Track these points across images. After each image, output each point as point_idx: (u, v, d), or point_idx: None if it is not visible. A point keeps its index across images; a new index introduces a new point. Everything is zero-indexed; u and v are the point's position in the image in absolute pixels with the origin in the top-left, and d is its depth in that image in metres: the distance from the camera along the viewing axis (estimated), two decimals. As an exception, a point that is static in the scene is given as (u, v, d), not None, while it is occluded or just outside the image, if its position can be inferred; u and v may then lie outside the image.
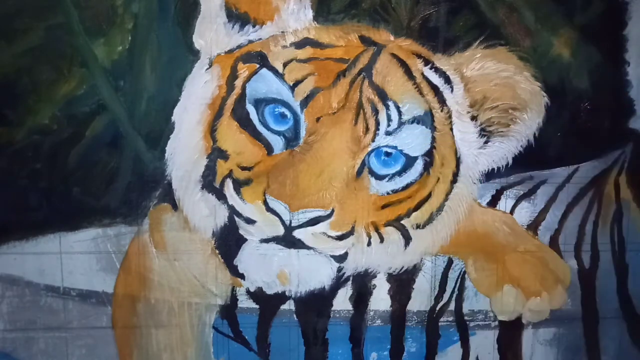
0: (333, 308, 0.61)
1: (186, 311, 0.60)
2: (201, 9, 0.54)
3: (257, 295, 0.60)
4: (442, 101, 0.57)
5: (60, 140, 0.55)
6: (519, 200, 0.61)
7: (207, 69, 0.55)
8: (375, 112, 0.56)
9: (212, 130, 0.56)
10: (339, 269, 0.59)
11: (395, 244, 0.59)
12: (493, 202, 0.61)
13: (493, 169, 0.59)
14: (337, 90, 0.56)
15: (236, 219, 0.57)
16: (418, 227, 0.59)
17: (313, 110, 0.56)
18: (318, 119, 0.56)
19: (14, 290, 0.58)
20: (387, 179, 0.58)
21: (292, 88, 0.55)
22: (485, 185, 0.60)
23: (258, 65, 0.56)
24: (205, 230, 0.58)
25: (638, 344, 0.64)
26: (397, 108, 0.56)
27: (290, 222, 0.57)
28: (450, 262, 0.61)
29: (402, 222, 0.59)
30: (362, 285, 0.61)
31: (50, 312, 0.58)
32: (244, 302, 0.60)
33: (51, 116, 0.55)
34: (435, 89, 0.57)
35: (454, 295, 0.62)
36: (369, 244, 0.59)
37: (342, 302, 0.61)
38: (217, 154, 0.56)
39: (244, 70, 0.56)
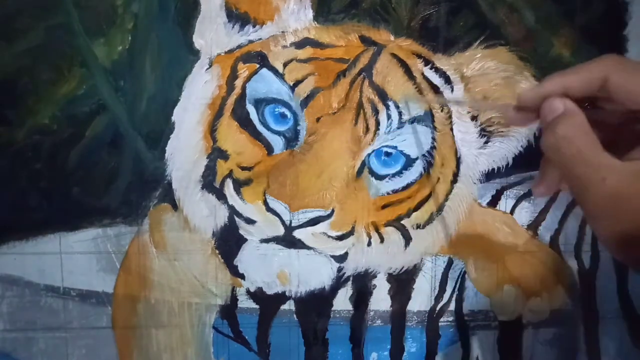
0: (333, 308, 0.61)
1: (186, 311, 0.60)
2: (201, 9, 0.54)
3: (257, 295, 0.60)
4: (442, 101, 0.57)
5: (60, 140, 0.55)
6: (519, 200, 0.61)
7: (207, 69, 0.55)
8: (376, 112, 0.56)
9: (212, 130, 0.56)
10: (339, 269, 0.59)
11: (395, 244, 0.59)
12: (493, 202, 0.60)
13: (493, 169, 0.59)
14: (337, 90, 0.55)
15: (236, 219, 0.57)
16: (418, 227, 0.59)
17: (313, 110, 0.56)
18: (318, 119, 0.56)
19: (14, 290, 0.58)
20: (387, 179, 0.58)
21: (292, 88, 0.55)
22: (485, 185, 0.60)
23: (258, 65, 0.55)
24: (205, 230, 0.58)
25: (638, 344, 0.64)
26: (398, 108, 0.56)
27: (291, 222, 0.57)
28: (450, 262, 0.61)
29: (402, 222, 0.59)
30: (362, 285, 0.61)
31: (50, 312, 0.58)
32: (244, 302, 0.60)
33: (51, 116, 0.55)
34: (435, 89, 0.57)
35: (454, 295, 0.62)
36: (369, 244, 0.59)
37: (342, 302, 0.61)
38: (217, 154, 0.56)
39: (244, 70, 0.56)
